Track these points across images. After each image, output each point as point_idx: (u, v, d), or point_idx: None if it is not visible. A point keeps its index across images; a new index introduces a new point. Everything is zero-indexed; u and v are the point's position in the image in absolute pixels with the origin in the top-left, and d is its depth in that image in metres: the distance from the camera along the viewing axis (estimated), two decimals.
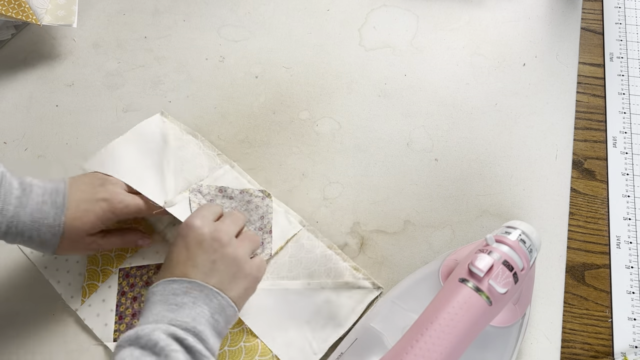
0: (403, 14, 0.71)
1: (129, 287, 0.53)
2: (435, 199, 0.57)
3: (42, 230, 0.47)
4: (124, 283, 0.53)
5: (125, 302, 0.52)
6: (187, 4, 0.74)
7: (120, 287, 0.53)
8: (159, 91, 0.66)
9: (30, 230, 0.46)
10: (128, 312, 0.52)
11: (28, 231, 0.46)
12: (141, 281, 0.53)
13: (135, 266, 0.54)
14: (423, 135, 0.61)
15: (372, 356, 0.43)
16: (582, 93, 0.64)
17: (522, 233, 0.43)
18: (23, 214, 0.46)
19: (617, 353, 0.49)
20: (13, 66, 0.69)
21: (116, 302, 0.52)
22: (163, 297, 0.42)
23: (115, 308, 0.52)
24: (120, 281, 0.53)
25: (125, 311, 0.52)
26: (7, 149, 0.63)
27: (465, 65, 0.66)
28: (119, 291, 0.53)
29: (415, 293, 0.46)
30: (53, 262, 0.55)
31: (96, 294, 0.53)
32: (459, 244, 0.55)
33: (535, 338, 0.50)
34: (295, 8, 0.72)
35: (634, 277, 0.53)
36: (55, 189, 0.48)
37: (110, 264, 0.54)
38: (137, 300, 0.52)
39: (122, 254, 0.55)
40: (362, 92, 0.65)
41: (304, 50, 0.68)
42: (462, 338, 0.37)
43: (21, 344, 0.51)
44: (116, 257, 0.54)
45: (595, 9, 0.71)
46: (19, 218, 0.46)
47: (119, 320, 0.51)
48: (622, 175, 0.58)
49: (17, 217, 0.46)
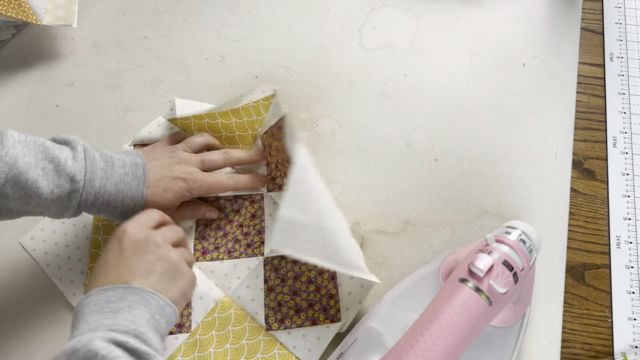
0: (403, 14, 0.71)
1: None
2: (435, 199, 0.57)
3: (125, 201, 0.48)
4: None
5: None
6: (187, 4, 0.74)
7: None
8: (159, 91, 0.66)
9: (115, 201, 0.48)
10: None
11: (113, 201, 0.47)
12: None
13: None
14: (423, 135, 0.61)
15: (372, 356, 0.43)
16: (582, 93, 0.64)
17: (522, 233, 0.43)
18: (109, 185, 0.47)
19: (617, 353, 0.49)
20: (13, 66, 0.69)
21: None
22: (97, 306, 0.40)
23: None
24: None
25: None
26: None
27: (465, 65, 0.66)
28: None
29: (415, 293, 0.47)
30: (55, 260, 0.55)
31: None
32: (459, 244, 0.55)
33: (535, 338, 0.50)
34: (295, 8, 0.72)
35: (634, 277, 0.53)
36: (135, 162, 0.50)
37: None
38: None
39: None
40: (362, 92, 0.65)
41: (304, 50, 0.68)
42: (462, 338, 0.37)
43: (21, 344, 0.51)
44: None
45: (595, 9, 0.71)
46: (105, 189, 0.47)
47: None
48: (622, 175, 0.58)
49: (104, 188, 0.47)
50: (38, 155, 0.44)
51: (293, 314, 0.51)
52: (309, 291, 0.52)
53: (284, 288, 0.52)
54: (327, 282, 0.52)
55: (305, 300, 0.52)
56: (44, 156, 0.44)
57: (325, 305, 0.51)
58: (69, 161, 0.45)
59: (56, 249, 0.55)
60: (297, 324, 0.51)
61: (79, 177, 0.45)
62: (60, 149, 0.46)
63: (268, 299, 0.52)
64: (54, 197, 0.44)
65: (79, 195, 0.46)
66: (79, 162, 0.46)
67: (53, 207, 0.45)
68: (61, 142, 0.47)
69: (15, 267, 0.56)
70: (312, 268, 0.53)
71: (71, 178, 0.45)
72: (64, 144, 0.47)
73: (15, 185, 0.43)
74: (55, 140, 0.47)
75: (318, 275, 0.53)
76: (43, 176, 0.44)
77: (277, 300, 0.52)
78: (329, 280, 0.52)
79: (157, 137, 0.61)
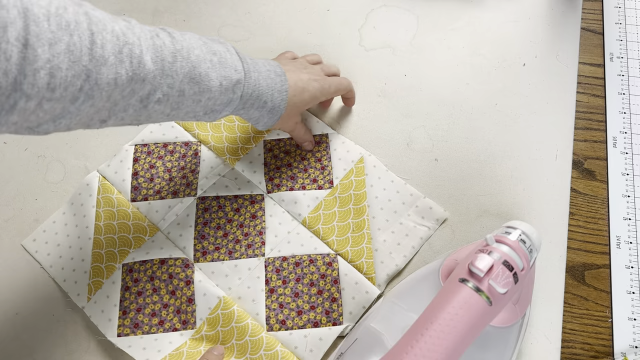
0: (403, 14, 0.71)
1: (133, 281, 0.53)
2: (435, 199, 0.57)
3: (274, 95, 0.50)
4: (128, 278, 0.53)
5: (130, 297, 0.53)
6: (187, 4, 0.74)
7: (124, 282, 0.53)
8: None
9: (265, 95, 0.49)
10: (132, 307, 0.52)
11: (264, 95, 0.49)
12: (145, 276, 0.53)
13: (138, 261, 0.54)
14: (423, 135, 0.61)
15: (372, 356, 0.43)
16: (582, 93, 0.64)
17: (522, 233, 0.43)
18: (261, 78, 0.48)
19: (617, 353, 0.49)
20: None
21: (120, 297, 0.53)
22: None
23: (119, 303, 0.52)
24: (124, 276, 0.54)
25: (129, 306, 0.52)
26: (7, 149, 0.63)
27: (465, 65, 0.66)
28: (123, 286, 0.53)
29: (415, 293, 0.46)
30: (58, 261, 0.55)
31: (101, 291, 0.53)
32: (459, 244, 0.55)
33: (535, 338, 0.50)
34: (295, 8, 0.72)
35: (634, 277, 0.53)
36: (269, 63, 0.51)
37: (113, 260, 0.54)
38: (142, 295, 0.53)
39: (125, 250, 0.55)
40: (362, 92, 0.65)
41: (304, 50, 0.68)
42: (462, 338, 0.37)
43: (21, 344, 0.51)
44: (119, 253, 0.55)
45: (595, 9, 0.71)
46: (259, 82, 0.48)
47: (123, 315, 0.52)
48: (622, 175, 0.58)
49: (258, 81, 0.48)
50: (202, 47, 0.44)
51: (295, 316, 0.51)
52: (311, 294, 0.52)
53: (285, 290, 0.52)
54: (330, 285, 0.52)
55: (307, 303, 0.52)
56: (207, 48, 0.44)
57: (327, 309, 0.51)
58: (226, 54, 0.46)
59: (59, 250, 0.55)
60: (299, 325, 0.51)
61: (240, 68, 0.46)
62: (215, 44, 0.46)
63: (269, 300, 0.52)
64: (222, 89, 0.45)
65: (242, 86, 0.46)
66: (234, 55, 0.47)
67: (219, 101, 0.45)
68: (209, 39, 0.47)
69: (15, 267, 0.56)
70: (314, 271, 0.53)
71: (234, 69, 0.46)
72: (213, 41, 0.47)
73: (192, 81, 0.42)
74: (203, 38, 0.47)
75: (320, 278, 0.52)
76: (211, 68, 0.44)
77: (279, 301, 0.52)
78: (331, 283, 0.52)
79: (159, 137, 0.61)
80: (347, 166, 0.59)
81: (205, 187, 0.58)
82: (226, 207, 0.57)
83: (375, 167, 0.58)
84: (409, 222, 0.55)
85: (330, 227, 0.55)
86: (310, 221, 0.56)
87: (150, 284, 0.53)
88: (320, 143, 0.60)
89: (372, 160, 0.59)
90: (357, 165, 0.58)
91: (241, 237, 0.55)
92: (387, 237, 0.54)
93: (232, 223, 0.56)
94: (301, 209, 0.56)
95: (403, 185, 0.57)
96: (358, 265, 0.53)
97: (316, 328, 0.50)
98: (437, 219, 0.55)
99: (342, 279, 0.52)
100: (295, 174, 0.58)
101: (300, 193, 0.57)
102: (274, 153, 0.60)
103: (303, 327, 0.51)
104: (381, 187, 0.57)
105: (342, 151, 0.60)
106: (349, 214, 0.56)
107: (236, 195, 0.58)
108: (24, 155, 0.62)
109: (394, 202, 0.56)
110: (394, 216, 0.55)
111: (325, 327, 0.50)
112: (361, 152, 0.59)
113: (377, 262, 0.53)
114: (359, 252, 0.53)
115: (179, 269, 0.53)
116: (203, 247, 0.55)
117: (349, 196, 0.57)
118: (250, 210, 0.57)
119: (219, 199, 0.57)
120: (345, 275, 0.52)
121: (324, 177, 0.58)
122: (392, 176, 0.58)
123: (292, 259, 0.54)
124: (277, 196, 0.57)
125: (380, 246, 0.54)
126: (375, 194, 0.57)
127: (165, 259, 0.54)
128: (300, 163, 0.59)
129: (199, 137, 0.61)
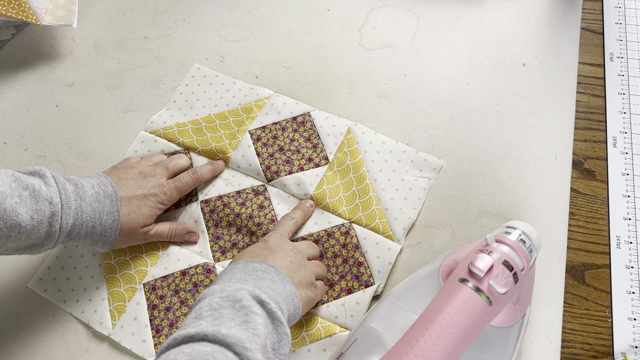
0: (403, 14, 0.71)
1: (159, 299, 0.53)
2: (435, 199, 0.57)
3: (103, 218, 0.49)
4: (152, 297, 0.53)
5: (159, 315, 0.52)
6: (187, 4, 0.74)
7: (150, 301, 0.53)
8: (159, 91, 0.66)
9: (92, 220, 0.48)
10: (164, 324, 0.51)
11: (91, 221, 0.48)
12: (170, 291, 0.53)
13: (159, 277, 0.54)
14: (423, 135, 0.61)
15: (372, 356, 0.43)
16: (582, 93, 0.64)
17: (522, 233, 0.43)
18: (84, 205, 0.47)
19: (617, 353, 0.49)
20: (13, 66, 0.69)
21: (149, 316, 0.52)
22: (245, 270, 0.44)
23: (150, 323, 0.52)
24: (148, 295, 0.53)
25: (161, 323, 0.52)
26: (7, 149, 0.63)
27: (465, 65, 0.66)
28: (149, 305, 0.52)
29: (415, 293, 0.46)
30: (71, 295, 0.53)
31: (126, 314, 0.52)
32: (459, 244, 0.55)
33: (535, 338, 0.50)
34: (295, 8, 0.72)
35: (634, 277, 0.53)
36: (101, 182, 0.50)
37: (132, 281, 0.54)
38: (171, 310, 0.52)
39: (142, 269, 0.54)
40: (362, 92, 0.65)
41: (304, 50, 0.68)
42: (462, 338, 0.37)
43: (21, 344, 0.51)
44: (137, 273, 0.54)
45: (595, 9, 0.71)
46: (81, 209, 0.47)
47: (157, 334, 0.51)
48: (622, 175, 0.58)
49: (80, 209, 0.47)
50: (11, 184, 0.43)
51: (327, 289, 0.52)
52: (337, 264, 0.53)
53: None
54: (353, 251, 0.53)
55: (336, 274, 0.53)
56: (17, 184, 0.43)
57: (356, 274, 0.52)
58: (42, 187, 0.45)
59: (69, 284, 0.54)
60: (333, 297, 0.52)
61: (56, 200, 0.45)
62: (31, 178, 0.45)
63: None
64: (35, 222, 0.44)
65: (59, 217, 0.45)
66: (52, 186, 0.46)
67: (34, 235, 0.44)
68: (27, 173, 0.46)
69: (15, 267, 0.56)
70: (334, 243, 0.54)
71: (49, 201, 0.44)
72: (31, 174, 0.46)
73: None
74: (21, 172, 0.46)
75: (342, 248, 0.54)
76: (20, 203, 0.43)
77: None
78: (354, 250, 0.53)
79: (144, 153, 0.61)
80: (337, 140, 0.60)
81: (206, 190, 0.58)
82: (231, 204, 0.57)
83: (364, 134, 0.60)
84: (409, 177, 0.58)
85: (338, 199, 0.56)
86: (318, 198, 0.57)
87: (177, 297, 0.53)
88: (305, 122, 0.61)
89: (359, 128, 0.61)
90: (347, 136, 0.60)
91: (255, 228, 0.55)
92: (393, 195, 0.56)
93: (241, 217, 0.56)
94: (306, 189, 0.57)
95: (395, 144, 0.60)
96: (374, 227, 0.54)
97: (350, 294, 0.52)
98: (434, 168, 0.58)
99: (362, 243, 0.54)
100: (289, 157, 0.59)
101: (300, 174, 0.58)
102: (263, 141, 0.60)
103: (338, 297, 0.52)
104: (374, 150, 0.59)
105: (328, 126, 0.61)
106: (352, 183, 0.57)
107: (238, 191, 0.58)
108: (24, 155, 0.62)
109: (390, 162, 0.58)
110: (394, 175, 0.58)
111: (359, 292, 0.52)
112: (347, 124, 0.61)
113: (390, 220, 0.55)
114: (371, 215, 0.55)
115: (202, 276, 0.53)
116: (220, 246, 0.55)
117: (347, 167, 0.58)
118: (256, 202, 0.57)
119: (222, 198, 0.57)
120: (365, 239, 0.54)
121: (318, 155, 0.59)
122: (382, 138, 0.60)
123: (310, 237, 0.55)
124: (279, 182, 0.58)
125: (389, 205, 0.56)
126: (371, 158, 0.59)
127: (185, 270, 0.54)
128: (291, 145, 0.60)
129: (185, 144, 0.61)
